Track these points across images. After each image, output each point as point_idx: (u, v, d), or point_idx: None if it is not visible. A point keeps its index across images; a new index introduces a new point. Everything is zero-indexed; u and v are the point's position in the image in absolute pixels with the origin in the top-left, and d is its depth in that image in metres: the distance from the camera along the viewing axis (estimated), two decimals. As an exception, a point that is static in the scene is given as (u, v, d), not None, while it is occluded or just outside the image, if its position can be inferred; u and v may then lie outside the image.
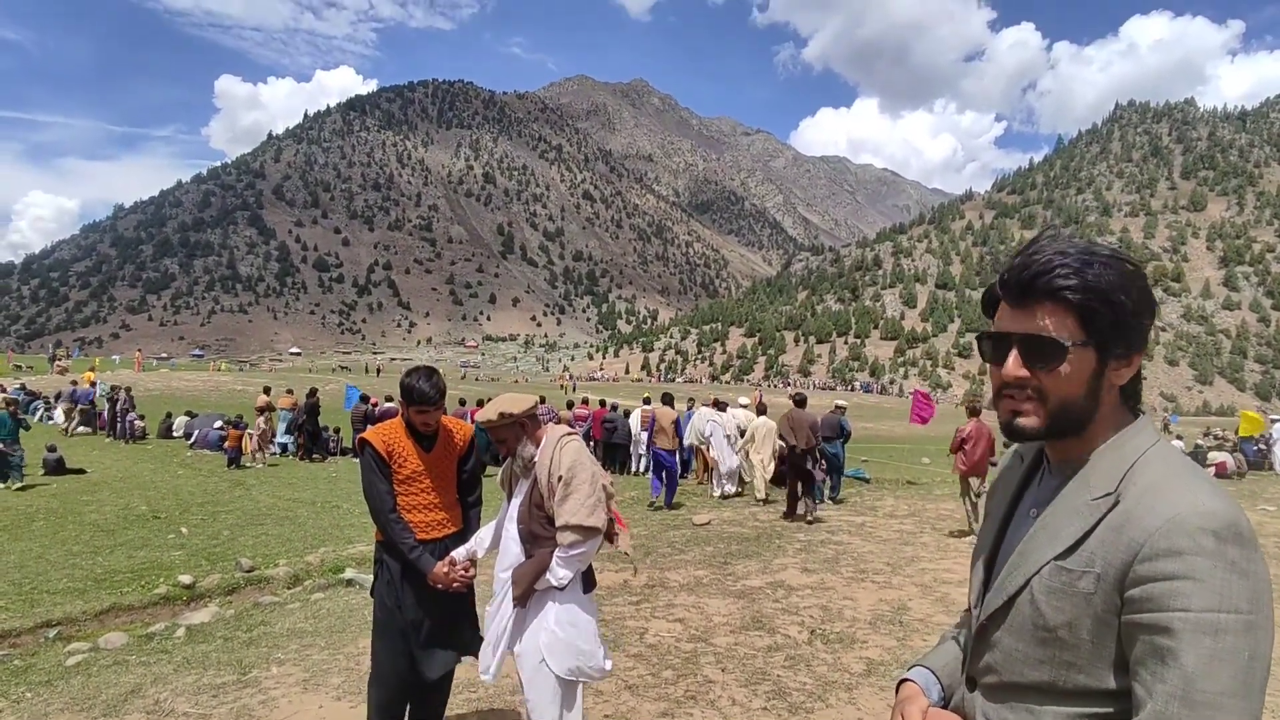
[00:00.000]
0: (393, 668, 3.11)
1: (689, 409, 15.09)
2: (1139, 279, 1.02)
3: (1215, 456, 17.54)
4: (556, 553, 2.76)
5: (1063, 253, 1.03)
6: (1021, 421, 1.06)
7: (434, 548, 3.12)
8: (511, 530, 2.94)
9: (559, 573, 2.77)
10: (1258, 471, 18.65)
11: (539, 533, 2.83)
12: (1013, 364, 1.05)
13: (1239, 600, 0.86)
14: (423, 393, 3.07)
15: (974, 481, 9.26)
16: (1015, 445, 1.25)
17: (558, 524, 2.76)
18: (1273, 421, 21.01)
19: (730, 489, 12.12)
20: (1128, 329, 1.03)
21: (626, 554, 3.18)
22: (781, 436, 10.23)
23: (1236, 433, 21.99)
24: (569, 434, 2.95)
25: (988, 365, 1.13)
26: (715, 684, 4.22)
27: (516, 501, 2.97)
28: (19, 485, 11.68)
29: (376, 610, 3.18)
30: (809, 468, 9.91)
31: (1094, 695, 0.97)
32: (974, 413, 9.78)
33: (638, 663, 4.53)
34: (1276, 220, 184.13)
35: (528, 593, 2.83)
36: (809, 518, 9.73)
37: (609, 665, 2.93)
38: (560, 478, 2.78)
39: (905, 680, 1.24)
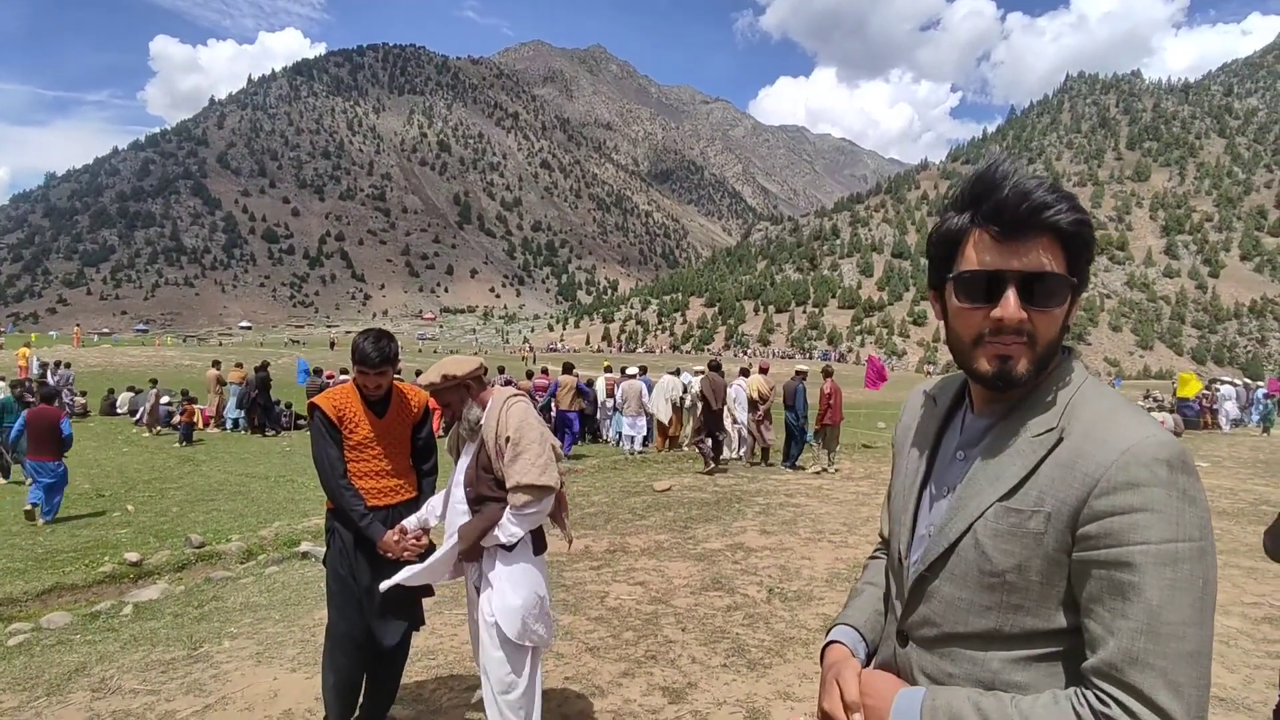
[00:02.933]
0: (348, 637, 3.06)
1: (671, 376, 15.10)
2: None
3: (1157, 417, 18.24)
4: (508, 511, 2.71)
5: (1044, 184, 0.97)
6: (1016, 368, 0.99)
7: (386, 515, 3.05)
8: (458, 494, 2.87)
9: (510, 529, 2.70)
10: (1193, 430, 19.54)
11: (487, 495, 2.77)
12: (1015, 305, 0.97)
13: (1191, 528, 0.86)
14: (364, 354, 2.98)
15: (830, 431, 11.54)
16: (923, 388, 1.21)
17: (509, 484, 2.69)
18: (1218, 384, 21.95)
19: (737, 454, 12.62)
20: (1089, 266, 1.01)
21: (563, 533, 3.11)
22: (704, 397, 11.65)
23: (1174, 394, 22.90)
24: (515, 395, 2.87)
25: (960, 309, 1.02)
26: (675, 643, 4.26)
27: (463, 465, 2.89)
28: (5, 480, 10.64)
29: (330, 580, 3.11)
30: (720, 426, 11.45)
31: (1040, 636, 0.95)
32: (828, 374, 11.84)
33: (598, 625, 4.55)
34: (1215, 191, 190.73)
35: (474, 548, 2.76)
36: (721, 467, 11.26)
37: (546, 633, 2.86)
38: (508, 438, 2.71)
39: (832, 643, 1.17)
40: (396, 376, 3.25)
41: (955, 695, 0.95)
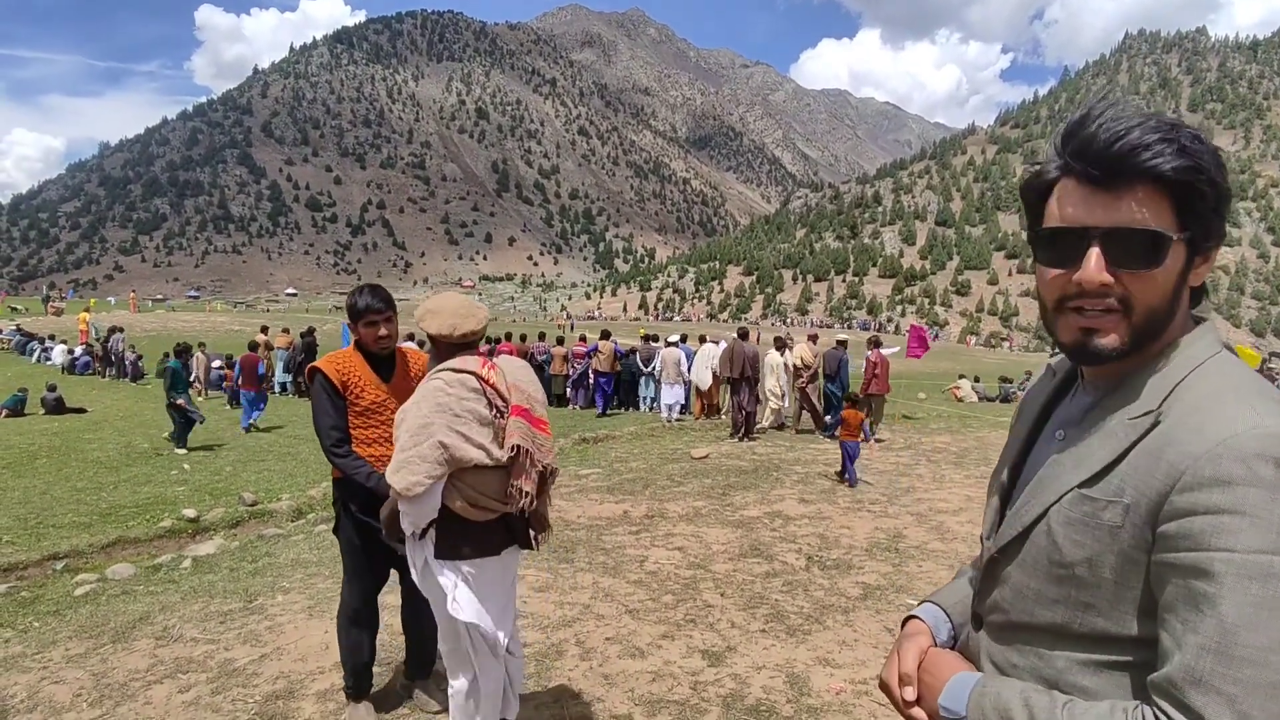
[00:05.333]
0: (366, 610, 3.09)
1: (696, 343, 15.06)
2: (1220, 157, 0.86)
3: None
4: None
5: (1151, 125, 0.84)
6: (1101, 342, 0.88)
7: None
8: None
9: (404, 521, 2.41)
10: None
11: None
12: (1096, 267, 0.86)
13: None
14: (368, 304, 2.88)
15: (875, 402, 11.40)
16: (1051, 359, 1.11)
17: None
18: (1272, 355, 21.15)
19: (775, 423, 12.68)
20: (1222, 217, 0.87)
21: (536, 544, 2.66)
22: (721, 366, 11.73)
23: (1232, 367, 22.09)
24: (445, 369, 2.42)
25: (1043, 271, 0.92)
26: (714, 608, 4.29)
27: None
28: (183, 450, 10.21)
29: (346, 553, 3.07)
30: (744, 395, 11.22)
31: (1112, 641, 0.86)
32: (875, 344, 11.72)
33: (638, 588, 4.60)
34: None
35: (391, 529, 2.54)
36: (750, 437, 11.05)
37: (454, 646, 2.52)
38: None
39: (912, 617, 1.11)
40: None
41: (1008, 687, 0.89)
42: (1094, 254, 0.86)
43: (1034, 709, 0.83)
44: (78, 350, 23.25)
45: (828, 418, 12.06)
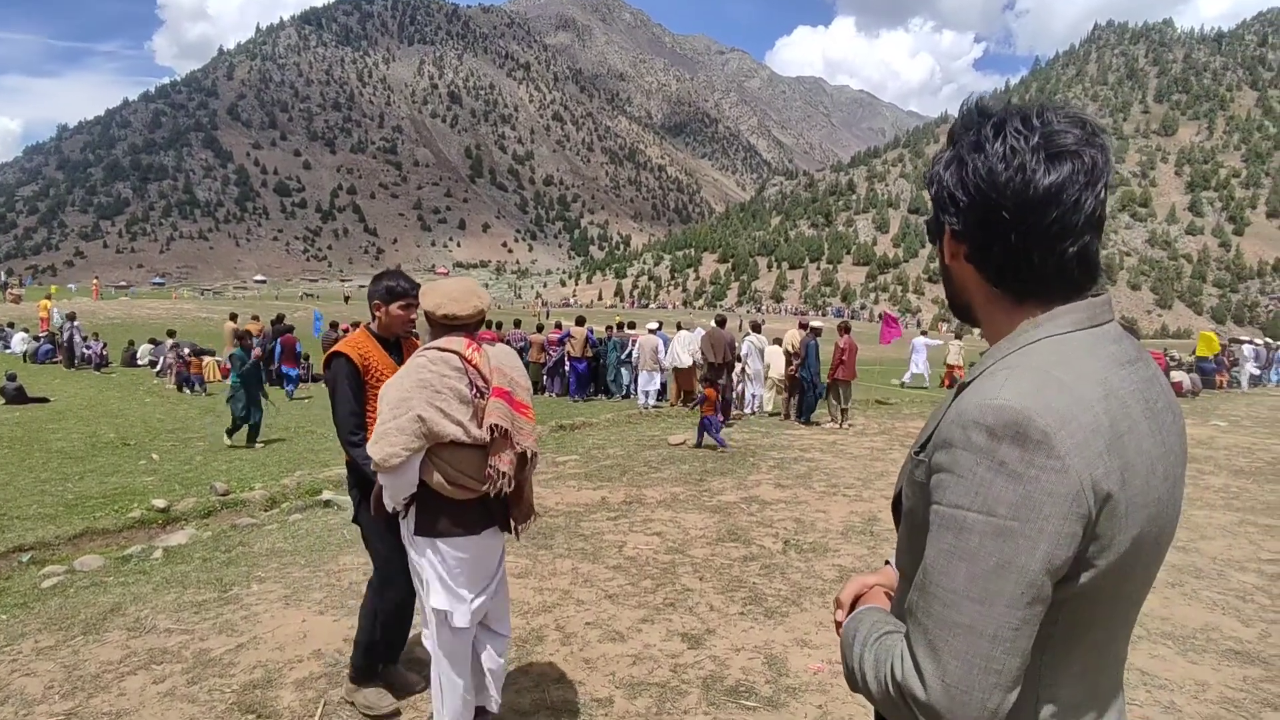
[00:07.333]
0: (398, 567, 2.94)
1: (659, 329, 15.08)
2: (1005, 161, 0.89)
3: (1173, 376, 18.09)
4: None
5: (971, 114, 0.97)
6: None
7: None
8: None
9: (384, 495, 2.51)
10: (1211, 391, 19.37)
11: None
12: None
13: (996, 503, 0.81)
14: (403, 288, 3.01)
15: (843, 387, 11.52)
16: None
17: None
18: (1239, 343, 21.73)
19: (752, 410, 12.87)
20: (935, 216, 0.99)
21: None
22: (702, 352, 11.87)
23: (1193, 353, 22.63)
24: (431, 348, 2.48)
25: None
26: (693, 592, 4.33)
27: None
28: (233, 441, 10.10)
29: (365, 527, 3.05)
30: (723, 381, 11.25)
31: None
32: (846, 329, 11.88)
33: (617, 573, 4.63)
34: (1244, 145, 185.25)
35: (378, 507, 2.60)
36: (727, 423, 10.94)
37: (433, 642, 2.56)
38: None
39: (887, 562, 1.22)
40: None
41: (872, 614, 1.01)
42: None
43: (869, 632, 0.95)
44: (40, 338, 22.64)
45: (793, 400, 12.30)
